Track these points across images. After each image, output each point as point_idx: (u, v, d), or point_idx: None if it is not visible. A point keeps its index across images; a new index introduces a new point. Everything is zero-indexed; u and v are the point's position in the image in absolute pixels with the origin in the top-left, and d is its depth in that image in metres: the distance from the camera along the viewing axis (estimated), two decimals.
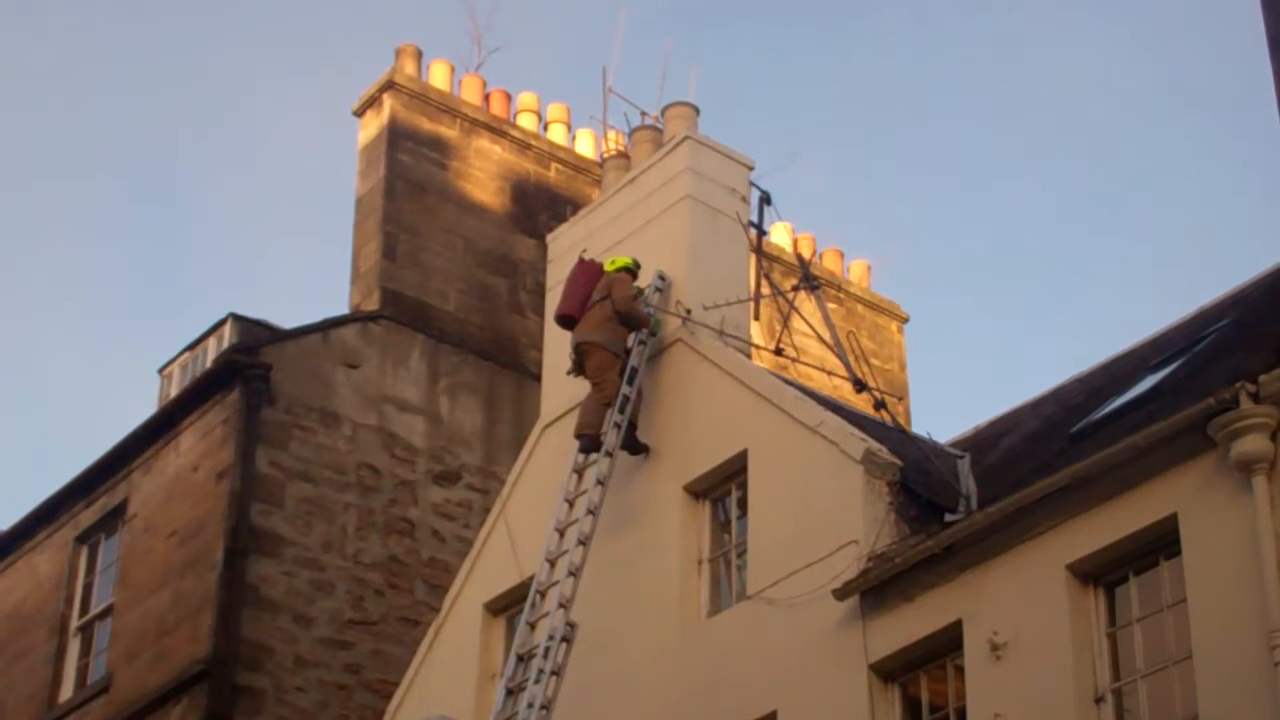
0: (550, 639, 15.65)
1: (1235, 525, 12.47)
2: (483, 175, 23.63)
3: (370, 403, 21.52)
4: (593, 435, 16.75)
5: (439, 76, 23.80)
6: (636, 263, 17.54)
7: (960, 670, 14.01)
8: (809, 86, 48.85)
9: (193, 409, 21.27)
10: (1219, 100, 47.30)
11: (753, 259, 18.24)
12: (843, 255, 26.62)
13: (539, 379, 19.45)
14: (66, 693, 21.97)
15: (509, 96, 24.36)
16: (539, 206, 23.83)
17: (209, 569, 20.06)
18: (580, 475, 16.78)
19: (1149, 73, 48.49)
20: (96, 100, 53.40)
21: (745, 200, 18.17)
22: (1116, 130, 48.69)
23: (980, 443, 17.47)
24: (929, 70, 49.55)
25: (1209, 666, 12.41)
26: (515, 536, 17.89)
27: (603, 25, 55.61)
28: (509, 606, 17.91)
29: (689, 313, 17.25)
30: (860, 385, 16.58)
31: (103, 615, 21.95)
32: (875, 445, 15.21)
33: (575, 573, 16.09)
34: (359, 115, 23.60)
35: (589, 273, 17.57)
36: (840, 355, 17.18)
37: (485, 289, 23.06)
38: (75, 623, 22.31)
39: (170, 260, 54.17)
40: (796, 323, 19.36)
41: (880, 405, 16.32)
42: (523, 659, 15.81)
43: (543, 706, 15.35)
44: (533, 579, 16.48)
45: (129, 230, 54.49)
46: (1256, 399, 12.43)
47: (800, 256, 21.19)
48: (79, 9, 53.76)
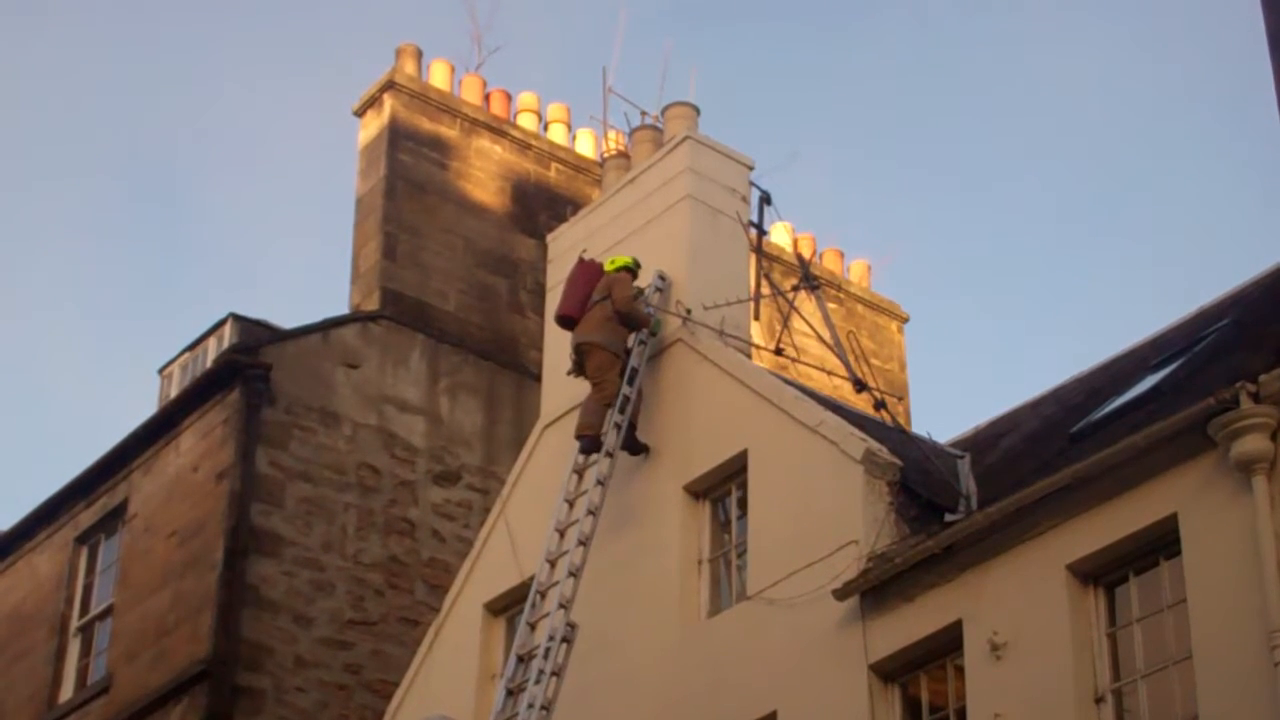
0: (550, 639, 15.64)
1: (1235, 525, 12.46)
2: (483, 175, 23.61)
3: (370, 403, 21.51)
4: (593, 435, 16.74)
5: (439, 76, 23.79)
6: (636, 262, 17.52)
7: (960, 670, 14.00)
8: (809, 86, 48.88)
9: (193, 409, 21.26)
10: (1219, 100, 47.35)
11: (753, 259, 18.22)
12: (843, 255, 26.61)
13: (539, 379, 19.44)
14: (66, 693, 21.95)
15: (509, 96, 24.34)
16: (539, 206, 23.81)
17: (209, 569, 20.05)
18: (580, 475, 16.77)
19: (1149, 73, 48.52)
20: (96, 100, 53.46)
21: (745, 200, 18.15)
22: (1116, 130, 48.73)
23: (980, 443, 17.45)
24: (929, 70, 49.58)
25: (1209, 666, 12.40)
26: (515, 537, 17.88)
27: (603, 25, 55.62)
28: (509, 607, 17.90)
29: (689, 313, 17.23)
30: (860, 385, 16.57)
31: (103, 615, 21.94)
32: (875, 445, 15.19)
33: (575, 573, 16.08)
34: (359, 115, 23.59)
35: (589, 273, 17.55)
36: (840, 355, 17.16)
37: (485, 289, 23.04)
38: (75, 623, 22.30)
39: (170, 260, 54.22)
40: (796, 323, 19.36)
41: (880, 405, 16.31)
42: (523, 659, 15.80)
43: (543, 707, 15.34)
44: (533, 579, 16.47)
45: (129, 230, 54.55)
46: (1256, 399, 12.42)
47: (800, 256, 21.18)
48: (79, 9, 53.81)
